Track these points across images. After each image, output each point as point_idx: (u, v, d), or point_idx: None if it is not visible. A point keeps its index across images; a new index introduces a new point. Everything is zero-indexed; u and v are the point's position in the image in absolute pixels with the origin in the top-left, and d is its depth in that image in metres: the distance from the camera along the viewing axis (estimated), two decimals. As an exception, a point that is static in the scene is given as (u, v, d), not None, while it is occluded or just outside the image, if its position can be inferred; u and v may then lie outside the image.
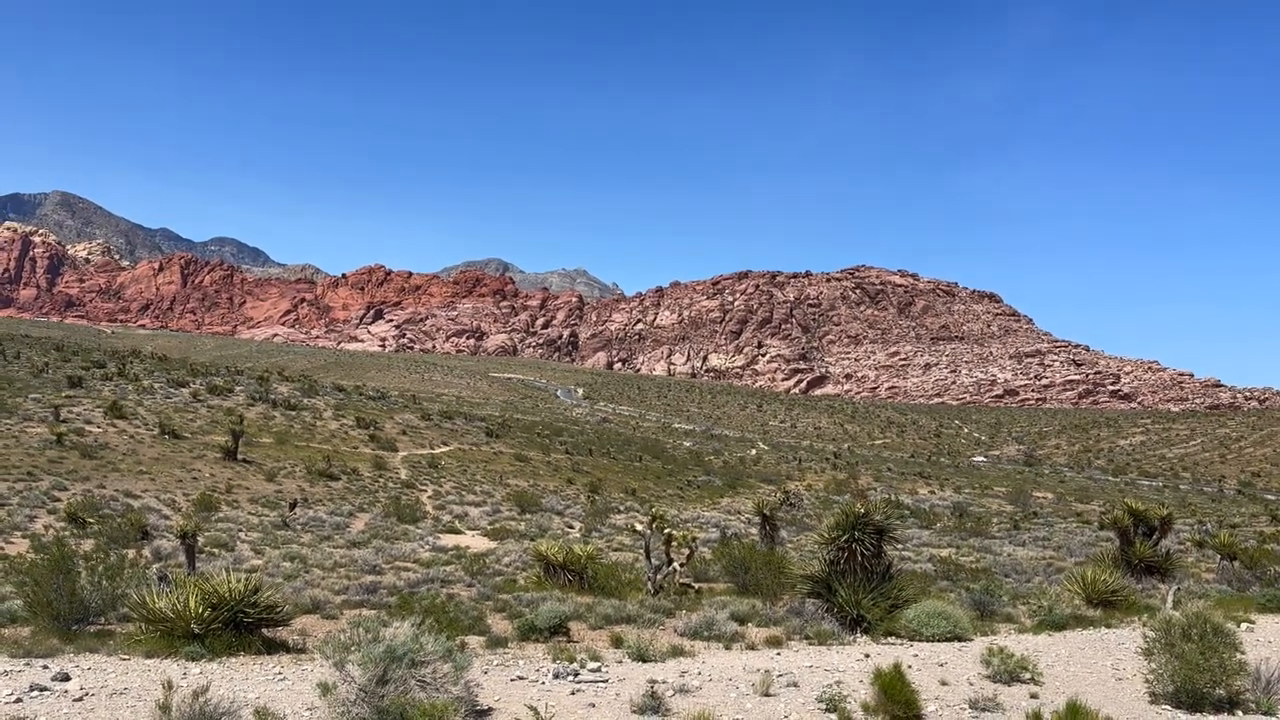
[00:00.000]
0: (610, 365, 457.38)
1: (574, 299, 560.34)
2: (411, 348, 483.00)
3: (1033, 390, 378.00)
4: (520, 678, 13.14)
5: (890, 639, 16.98)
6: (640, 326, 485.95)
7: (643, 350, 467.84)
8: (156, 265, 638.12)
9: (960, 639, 16.83)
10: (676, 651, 15.16)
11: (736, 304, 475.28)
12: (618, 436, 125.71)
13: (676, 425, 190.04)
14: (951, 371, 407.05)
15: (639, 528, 24.30)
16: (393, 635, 11.10)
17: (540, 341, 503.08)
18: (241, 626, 14.69)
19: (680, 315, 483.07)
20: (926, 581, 24.82)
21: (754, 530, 37.73)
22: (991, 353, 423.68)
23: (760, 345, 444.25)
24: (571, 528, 46.10)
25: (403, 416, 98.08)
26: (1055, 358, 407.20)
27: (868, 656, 15.01)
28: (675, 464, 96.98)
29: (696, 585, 23.55)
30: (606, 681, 12.89)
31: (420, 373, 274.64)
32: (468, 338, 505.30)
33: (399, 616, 14.98)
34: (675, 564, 22.63)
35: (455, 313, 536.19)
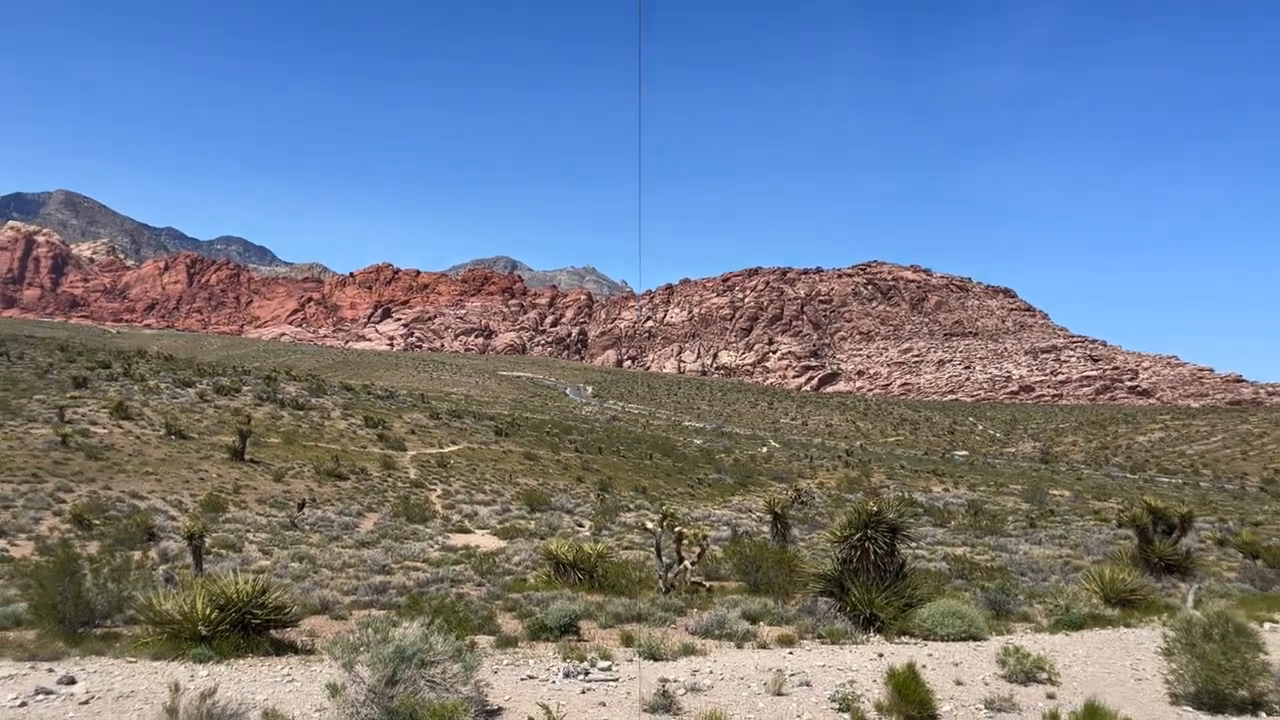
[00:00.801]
0: (619, 363, 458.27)
1: (583, 297, 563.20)
2: (420, 346, 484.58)
3: (1048, 386, 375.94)
4: (530, 677, 13.22)
5: (904, 638, 16.97)
6: (650, 324, 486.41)
7: (653, 348, 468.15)
8: (162, 265, 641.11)
9: (975, 638, 16.82)
10: (688, 650, 15.22)
11: (747, 301, 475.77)
12: (627, 435, 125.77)
13: (687, 423, 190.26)
14: (965, 368, 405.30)
15: (650, 526, 24.38)
16: (402, 635, 11.22)
17: (549, 340, 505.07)
18: (249, 628, 14.68)
19: (690, 313, 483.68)
20: (941, 580, 24.81)
21: (765, 528, 37.85)
22: (1006, 348, 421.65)
23: (771, 342, 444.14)
24: (581, 526, 46.27)
25: (411, 416, 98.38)
26: (1071, 353, 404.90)
27: (881, 656, 15.03)
28: (686, 462, 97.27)
29: (708, 584, 23.62)
30: (617, 680, 12.99)
31: (429, 371, 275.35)
32: (476, 336, 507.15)
33: (408, 616, 15.09)
34: (686, 562, 22.68)
35: (464, 311, 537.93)
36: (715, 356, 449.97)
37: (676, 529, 23.15)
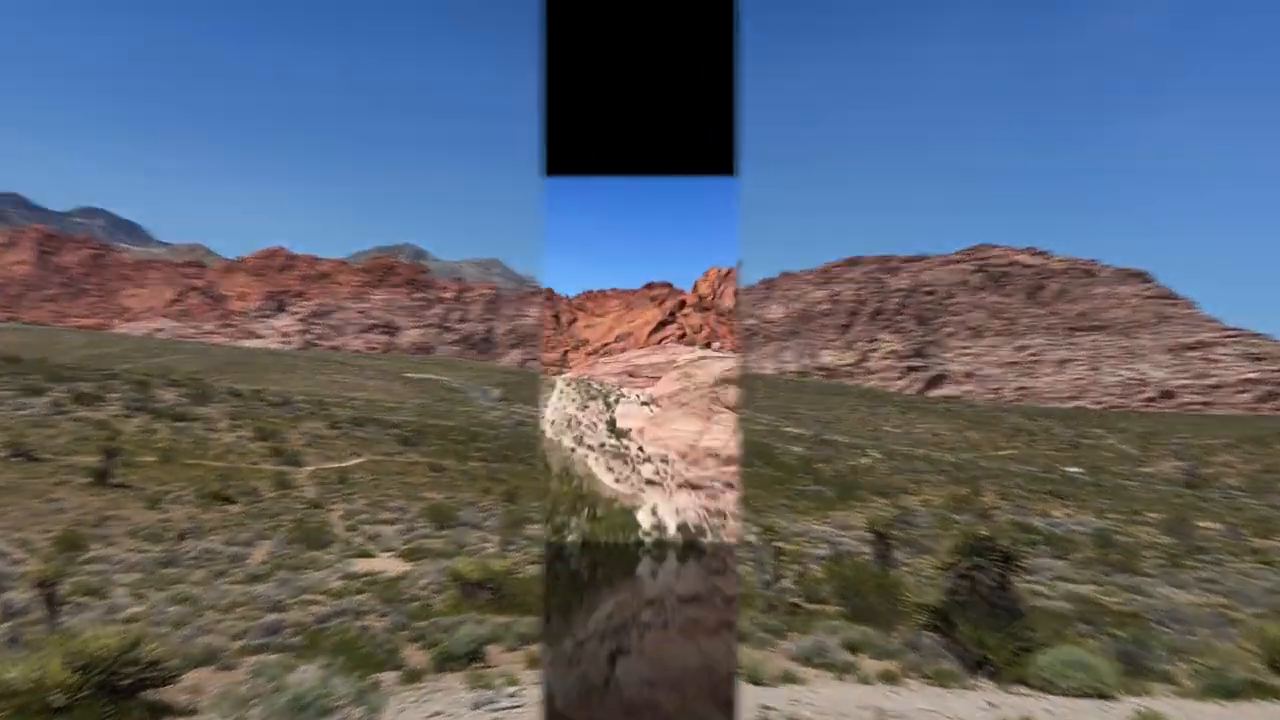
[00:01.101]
0: (523, 364, 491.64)
1: (490, 291, 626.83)
2: (318, 344, 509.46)
3: (1195, 392, 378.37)
4: (437, 713, 15.22)
5: (1018, 687, 18.09)
6: (751, 321, 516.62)
7: (753, 347, 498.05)
8: (3, 240, 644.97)
9: (1104, 696, 17.57)
10: (788, 677, 18.20)
11: (845, 294, 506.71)
12: (536, 441, 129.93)
13: (786, 429, 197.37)
14: (1091, 369, 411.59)
15: (750, 539, 28.46)
16: (299, 681, 12.52)
17: (456, 338, 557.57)
18: (118, 691, 15.22)
19: (789, 308, 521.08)
20: (1062, 623, 26.23)
21: (867, 549, 42.41)
22: (1142, 345, 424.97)
23: (872, 340, 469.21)
24: (489, 541, 51.08)
25: (309, 425, 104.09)
26: (1225, 351, 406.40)
27: (993, 706, 16.06)
28: (785, 471, 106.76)
29: (807, 605, 26.87)
30: (523, 706, 15.45)
31: (328, 373, 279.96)
32: (380, 333, 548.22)
33: (306, 658, 16.84)
34: (786, 580, 26.45)
35: (366, 305, 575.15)
36: (815, 356, 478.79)
37: (775, 544, 27.11)
